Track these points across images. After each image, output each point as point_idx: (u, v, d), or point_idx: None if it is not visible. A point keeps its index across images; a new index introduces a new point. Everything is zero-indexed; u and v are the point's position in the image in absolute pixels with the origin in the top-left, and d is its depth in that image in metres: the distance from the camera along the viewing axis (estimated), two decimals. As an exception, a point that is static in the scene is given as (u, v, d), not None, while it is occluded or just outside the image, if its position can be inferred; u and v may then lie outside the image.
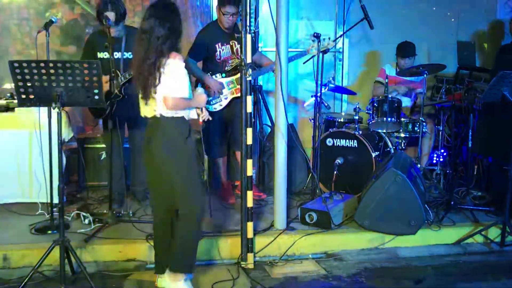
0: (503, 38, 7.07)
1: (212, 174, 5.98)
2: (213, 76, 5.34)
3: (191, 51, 5.30)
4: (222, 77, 5.37)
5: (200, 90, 3.88)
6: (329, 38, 5.39)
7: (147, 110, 3.75)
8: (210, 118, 3.95)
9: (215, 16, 6.20)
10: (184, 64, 3.68)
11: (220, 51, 5.31)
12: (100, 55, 4.96)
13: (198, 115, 3.86)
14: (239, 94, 4.81)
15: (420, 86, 6.13)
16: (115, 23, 4.82)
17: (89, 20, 8.06)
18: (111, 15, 4.77)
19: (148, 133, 3.77)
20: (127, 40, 4.97)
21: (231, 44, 5.36)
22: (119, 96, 4.88)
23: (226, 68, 5.38)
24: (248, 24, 4.22)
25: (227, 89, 5.38)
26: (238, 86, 5.21)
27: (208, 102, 5.31)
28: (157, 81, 3.60)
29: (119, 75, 4.86)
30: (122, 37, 4.98)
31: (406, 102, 6.22)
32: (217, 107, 5.39)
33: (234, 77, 5.37)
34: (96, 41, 5.01)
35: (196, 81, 5.39)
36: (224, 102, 5.40)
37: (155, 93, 3.63)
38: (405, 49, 6.17)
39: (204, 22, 6.53)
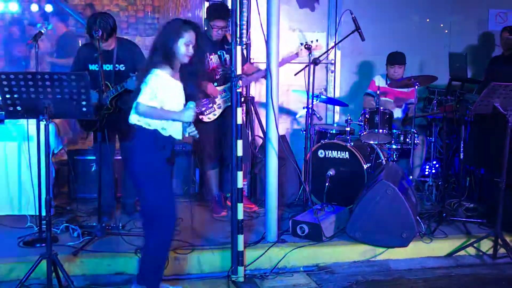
0: (494, 49, 7.09)
1: (204, 186, 5.95)
2: None
3: None
4: (214, 86, 5.36)
5: (191, 105, 3.78)
6: (316, 40, 5.40)
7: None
8: (197, 136, 3.91)
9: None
10: (166, 76, 3.67)
11: (208, 60, 5.31)
12: (92, 67, 4.90)
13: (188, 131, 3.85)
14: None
15: (411, 97, 6.13)
16: (104, 40, 4.74)
17: (83, 33, 8.09)
18: (98, 32, 4.67)
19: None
20: (118, 52, 4.95)
21: (219, 54, 5.36)
22: (110, 109, 4.85)
23: (216, 77, 5.37)
24: (238, 35, 4.21)
25: (220, 97, 5.36)
26: (231, 94, 5.20)
27: (202, 113, 5.30)
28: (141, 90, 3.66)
29: (110, 87, 4.84)
30: (113, 49, 4.95)
31: (397, 113, 6.23)
32: (211, 116, 5.37)
33: (226, 86, 5.36)
34: (86, 53, 4.96)
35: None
36: (218, 112, 5.38)
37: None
38: (394, 57, 6.18)
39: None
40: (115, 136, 5.15)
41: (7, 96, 3.65)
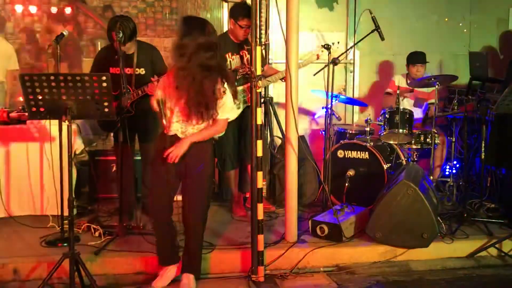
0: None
1: (223, 186, 5.97)
2: None
3: None
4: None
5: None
6: (338, 42, 5.39)
7: None
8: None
9: (226, 28, 6.23)
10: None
11: (230, 61, 5.31)
12: (113, 70, 4.87)
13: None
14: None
15: (431, 97, 6.10)
16: (123, 43, 4.75)
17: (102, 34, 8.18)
18: (119, 35, 4.69)
19: None
20: (138, 56, 4.96)
21: (241, 54, 5.36)
22: (130, 112, 4.90)
23: (237, 77, 5.37)
24: (258, 36, 4.22)
25: (240, 97, 5.37)
26: (250, 95, 5.21)
27: None
28: None
29: (131, 90, 4.88)
30: (133, 53, 4.96)
31: (418, 113, 6.20)
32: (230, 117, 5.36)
33: (245, 86, 5.36)
34: (107, 56, 4.96)
35: None
36: (238, 111, 5.37)
37: None
38: (416, 56, 6.18)
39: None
40: (134, 136, 5.18)
41: (30, 97, 3.70)
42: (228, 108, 3.98)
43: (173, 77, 3.86)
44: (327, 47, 5.33)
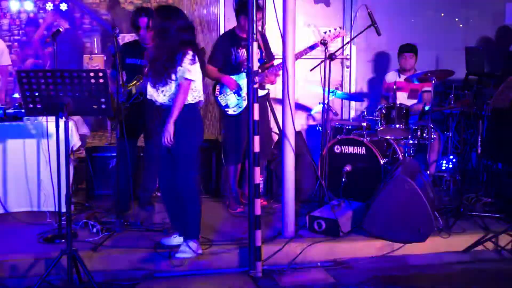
0: (511, 43, 7.03)
1: (222, 181, 5.96)
2: None
3: (210, 58, 5.41)
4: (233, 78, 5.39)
5: None
6: (334, 29, 5.39)
7: None
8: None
9: (222, 23, 6.25)
10: None
11: (235, 54, 5.35)
12: (129, 61, 5.13)
13: None
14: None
15: (425, 86, 6.10)
16: (149, 29, 4.98)
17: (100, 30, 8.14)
18: (144, 20, 4.98)
19: None
20: None
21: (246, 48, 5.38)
22: (139, 98, 5.00)
23: (243, 70, 5.37)
24: (254, 31, 4.22)
25: (245, 90, 5.37)
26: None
27: (227, 106, 5.35)
28: None
29: (142, 79, 5.00)
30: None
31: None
32: (237, 109, 5.38)
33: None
34: (127, 49, 5.20)
35: (215, 84, 5.48)
36: (244, 104, 5.38)
37: None
38: (403, 47, 6.22)
39: (211, 30, 6.56)
40: (139, 131, 5.25)
41: (27, 93, 3.70)
42: (189, 72, 4.20)
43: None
44: (323, 42, 5.32)
